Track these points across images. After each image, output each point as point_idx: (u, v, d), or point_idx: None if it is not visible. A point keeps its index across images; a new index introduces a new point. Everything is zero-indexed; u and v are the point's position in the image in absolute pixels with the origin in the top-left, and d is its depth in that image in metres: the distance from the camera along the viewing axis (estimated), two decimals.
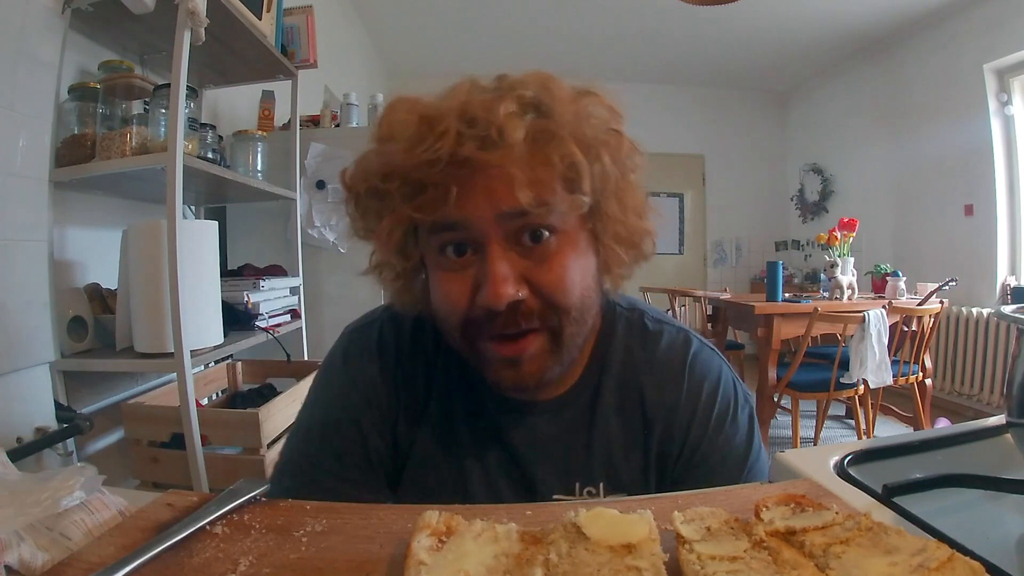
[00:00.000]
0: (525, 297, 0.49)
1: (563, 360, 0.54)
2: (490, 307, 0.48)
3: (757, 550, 0.33)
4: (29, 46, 1.08)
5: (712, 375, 0.60)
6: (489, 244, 0.48)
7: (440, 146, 0.45)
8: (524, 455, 0.58)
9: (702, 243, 5.58)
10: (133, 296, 1.18)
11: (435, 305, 0.54)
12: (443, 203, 0.47)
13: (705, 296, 3.61)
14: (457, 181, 0.47)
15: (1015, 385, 0.46)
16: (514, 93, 0.47)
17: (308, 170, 2.00)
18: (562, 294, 0.50)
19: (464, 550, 0.33)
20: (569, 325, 0.51)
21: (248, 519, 0.40)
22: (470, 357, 0.54)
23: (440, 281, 0.52)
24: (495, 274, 0.47)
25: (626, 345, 0.61)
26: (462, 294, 0.50)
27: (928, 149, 3.90)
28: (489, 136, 0.45)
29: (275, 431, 1.27)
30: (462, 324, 0.51)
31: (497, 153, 0.46)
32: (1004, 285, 3.44)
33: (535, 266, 0.49)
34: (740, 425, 0.59)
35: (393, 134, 0.49)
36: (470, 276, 0.49)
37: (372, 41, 4.31)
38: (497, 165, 0.46)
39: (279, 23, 1.68)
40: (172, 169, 1.10)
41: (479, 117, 0.46)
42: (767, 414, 2.74)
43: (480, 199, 0.47)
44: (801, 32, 4.15)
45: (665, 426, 0.58)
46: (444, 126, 0.46)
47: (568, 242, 0.51)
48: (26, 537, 0.34)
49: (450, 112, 0.47)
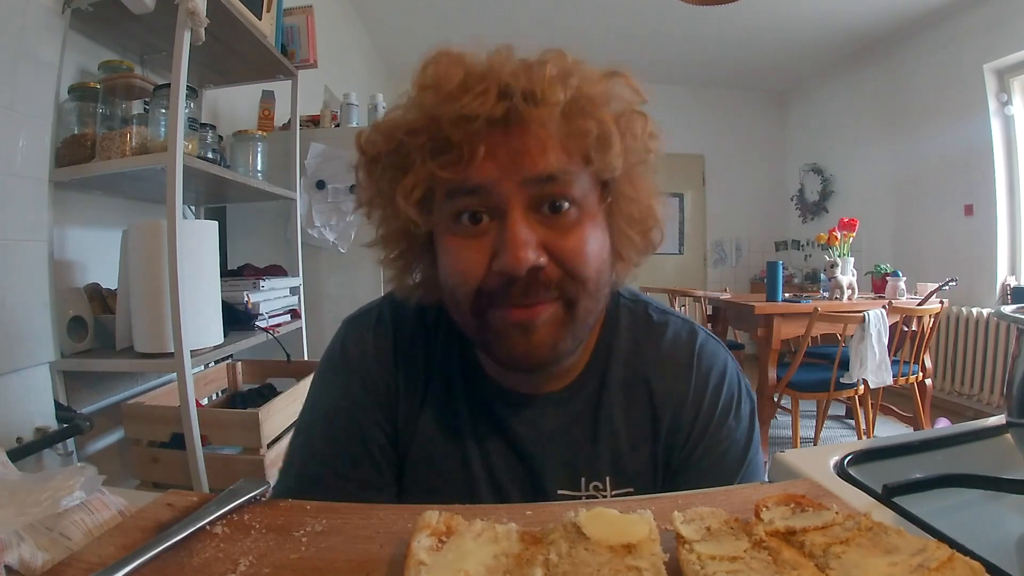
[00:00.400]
0: (545, 264, 0.48)
1: (575, 335, 0.52)
2: (510, 272, 0.46)
3: (757, 550, 0.33)
4: (29, 46, 1.08)
5: (719, 367, 0.60)
6: (510, 209, 0.47)
7: (483, 101, 0.45)
8: (528, 449, 0.57)
9: (702, 243, 5.58)
10: (133, 296, 1.18)
11: (445, 275, 0.52)
12: (469, 162, 0.46)
13: (705, 296, 3.61)
14: (487, 141, 0.46)
15: (1015, 385, 0.46)
16: (556, 60, 0.48)
17: (308, 170, 2.00)
18: (582, 264, 0.49)
19: (464, 550, 0.33)
20: (585, 297, 0.50)
21: (248, 519, 0.40)
22: (478, 332, 0.52)
23: (454, 248, 0.50)
24: (516, 238, 0.46)
25: (631, 336, 0.60)
26: (478, 261, 0.48)
27: (928, 149, 3.90)
28: (533, 93, 0.46)
29: (275, 431, 1.27)
30: (474, 294, 0.49)
31: (536, 112, 0.46)
32: (1004, 285, 3.44)
33: (555, 235, 0.49)
34: (742, 418, 0.59)
35: (438, 83, 0.47)
36: (487, 243, 0.48)
37: (372, 41, 4.31)
38: (535, 124, 0.46)
39: (279, 23, 1.68)
40: (172, 169, 1.10)
41: (522, 76, 0.46)
42: (767, 414, 2.74)
43: (507, 162, 0.47)
44: (801, 32, 4.15)
45: (673, 418, 0.58)
46: (487, 83, 0.46)
47: (587, 215, 0.50)
48: (26, 537, 0.34)
49: (494, 69, 0.47)
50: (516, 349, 0.50)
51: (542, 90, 0.46)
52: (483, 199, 0.48)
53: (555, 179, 0.47)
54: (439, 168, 0.47)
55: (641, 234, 0.56)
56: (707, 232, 5.57)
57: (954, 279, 2.90)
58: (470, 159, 0.46)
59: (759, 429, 0.61)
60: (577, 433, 0.57)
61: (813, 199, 5.14)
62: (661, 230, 0.57)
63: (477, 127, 0.46)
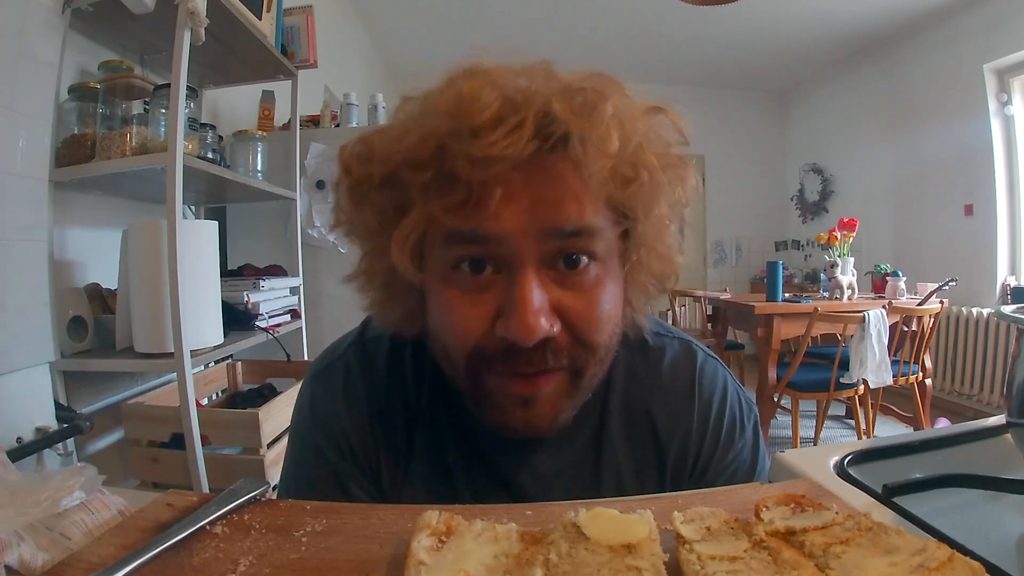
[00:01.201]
0: (557, 331, 0.42)
1: (578, 402, 0.48)
2: (516, 342, 0.40)
3: (757, 550, 0.33)
4: (29, 46, 1.08)
5: (719, 390, 0.57)
6: (522, 265, 0.41)
7: (511, 142, 0.37)
8: (529, 493, 0.52)
9: (702, 243, 5.57)
10: (133, 296, 1.18)
11: (437, 329, 0.46)
12: (481, 207, 0.39)
13: (705, 296, 3.61)
14: (506, 183, 0.39)
15: (1015, 385, 0.45)
16: (609, 100, 0.40)
17: (308, 170, 2.00)
18: (596, 331, 0.44)
19: (464, 550, 0.33)
20: (594, 365, 0.46)
21: (248, 519, 0.40)
22: (472, 392, 0.46)
23: (450, 302, 0.43)
24: (528, 304, 0.40)
25: (628, 365, 0.56)
26: (478, 320, 0.42)
27: (928, 149, 3.90)
28: (586, 138, 0.38)
29: (275, 431, 1.27)
30: (470, 354, 0.43)
31: (587, 162, 0.39)
32: (1004, 285, 3.44)
33: (570, 296, 0.42)
34: (747, 437, 0.57)
35: (472, 112, 0.38)
36: (490, 300, 0.42)
37: (372, 41, 4.31)
38: (570, 169, 0.40)
39: (279, 23, 1.68)
40: (172, 169, 1.10)
41: (569, 112, 0.38)
42: (767, 414, 2.75)
43: (527, 210, 0.40)
44: (801, 32, 4.15)
45: (679, 449, 0.55)
46: (524, 114, 0.38)
47: (605, 271, 0.44)
48: (26, 537, 0.34)
49: (535, 102, 0.38)
50: (515, 423, 0.46)
51: (597, 139, 0.38)
52: (490, 249, 0.41)
53: (582, 234, 0.41)
54: (443, 211, 0.40)
55: (657, 285, 0.51)
56: (707, 232, 5.57)
57: (954, 279, 2.90)
58: (482, 204, 0.39)
59: (763, 439, 0.60)
60: (580, 472, 0.53)
61: (813, 199, 5.14)
62: (677, 278, 0.52)
63: (499, 170, 0.38)
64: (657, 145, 0.44)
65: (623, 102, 0.42)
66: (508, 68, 0.41)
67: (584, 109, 0.39)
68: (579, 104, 0.39)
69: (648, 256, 0.48)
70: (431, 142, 0.40)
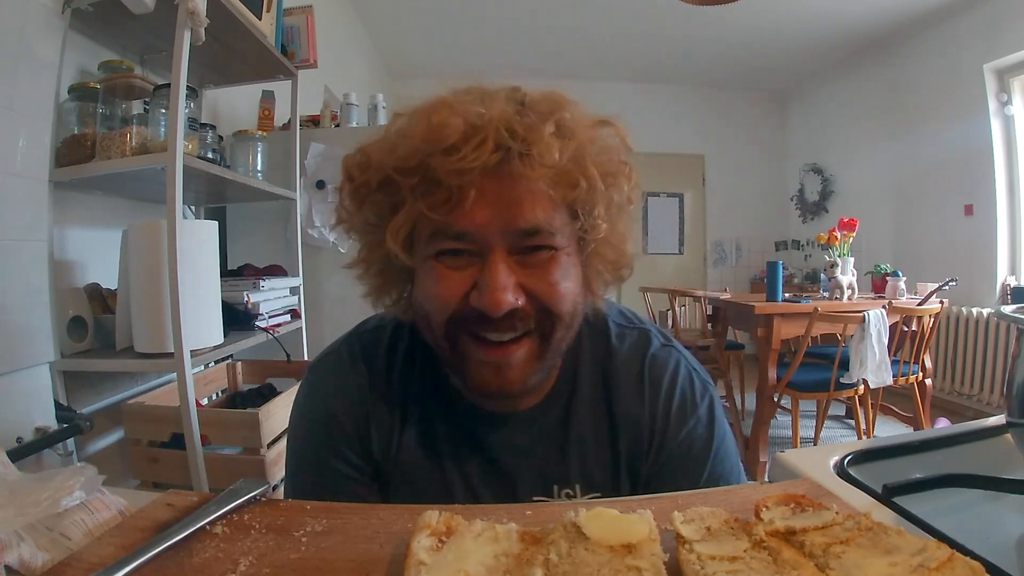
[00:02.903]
0: (522, 304, 0.50)
1: (546, 366, 0.55)
2: (487, 312, 0.49)
3: (757, 550, 0.33)
4: (29, 46, 1.08)
5: (668, 374, 0.62)
6: (492, 252, 0.50)
7: (479, 153, 0.47)
8: (504, 464, 0.60)
9: (702, 243, 5.57)
10: (133, 296, 1.18)
11: (422, 299, 0.54)
12: (459, 206, 0.48)
13: (705, 296, 3.61)
14: (479, 187, 0.48)
15: (1015, 385, 0.46)
16: (553, 117, 0.49)
17: (308, 170, 2.00)
18: (557, 302, 0.52)
19: (464, 550, 0.33)
20: (559, 330, 0.53)
21: (248, 519, 0.40)
22: (451, 358, 0.54)
23: (434, 275, 0.52)
24: (496, 282, 0.48)
25: (593, 358, 0.63)
26: (456, 290, 0.51)
27: (928, 149, 3.90)
28: (529, 153, 0.47)
29: (275, 431, 1.27)
30: (448, 319, 0.52)
31: (532, 170, 0.48)
32: (1004, 285, 3.44)
33: (532, 275, 0.51)
34: (700, 416, 0.61)
35: (441, 136, 0.48)
36: (468, 276, 0.51)
37: (372, 41, 4.31)
38: (526, 177, 0.48)
39: (279, 23, 1.68)
40: (172, 169, 1.10)
41: (519, 131, 0.48)
42: (767, 414, 2.74)
43: (495, 211, 0.49)
44: (801, 32, 4.15)
45: (632, 434, 0.60)
46: (485, 133, 0.47)
47: (564, 257, 0.53)
48: (26, 537, 0.34)
49: (492, 123, 0.48)
50: (488, 385, 0.53)
51: (539, 152, 0.47)
52: (467, 243, 0.50)
53: (539, 232, 0.50)
54: (428, 208, 0.49)
55: (613, 272, 0.59)
56: (707, 232, 5.57)
57: (954, 279, 2.90)
58: (460, 203, 0.48)
59: (722, 419, 0.62)
60: (548, 448, 0.60)
61: (813, 199, 5.14)
62: (631, 267, 0.60)
63: (471, 177, 0.47)
64: (599, 153, 0.52)
65: (568, 119, 0.50)
66: (467, 98, 0.50)
67: (529, 127, 0.48)
68: (526, 124, 0.48)
69: (602, 246, 0.56)
70: (417, 154, 0.49)
